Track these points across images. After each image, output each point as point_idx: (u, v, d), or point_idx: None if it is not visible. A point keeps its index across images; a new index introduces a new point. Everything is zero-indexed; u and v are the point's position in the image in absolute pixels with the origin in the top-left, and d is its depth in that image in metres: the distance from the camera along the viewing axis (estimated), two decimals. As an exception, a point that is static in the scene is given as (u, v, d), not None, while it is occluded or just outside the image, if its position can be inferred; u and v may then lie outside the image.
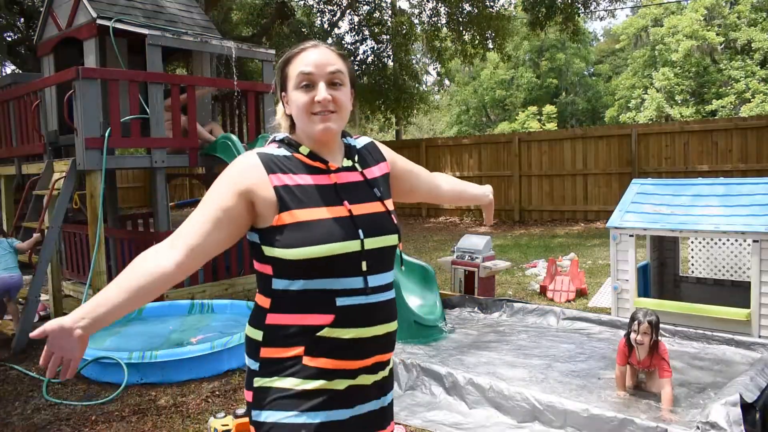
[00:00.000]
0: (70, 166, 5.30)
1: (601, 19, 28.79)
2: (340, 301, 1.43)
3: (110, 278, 6.17)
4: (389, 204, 1.57)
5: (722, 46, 26.45)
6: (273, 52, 6.86)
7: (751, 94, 24.50)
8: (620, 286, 4.86)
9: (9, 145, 6.68)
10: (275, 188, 1.42)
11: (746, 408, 2.81)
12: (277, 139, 1.54)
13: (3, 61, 15.94)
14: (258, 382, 1.46)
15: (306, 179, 1.46)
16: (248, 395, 1.49)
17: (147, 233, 7.21)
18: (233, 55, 6.30)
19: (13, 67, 16.60)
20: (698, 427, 2.72)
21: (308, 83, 1.47)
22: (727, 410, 2.73)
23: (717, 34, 26.02)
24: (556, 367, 4.01)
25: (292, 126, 1.56)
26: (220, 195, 1.42)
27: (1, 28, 14.00)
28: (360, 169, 1.55)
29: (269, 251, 1.43)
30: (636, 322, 3.31)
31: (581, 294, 6.32)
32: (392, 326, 1.52)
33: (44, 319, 5.88)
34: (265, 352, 1.45)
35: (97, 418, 3.56)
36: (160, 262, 1.38)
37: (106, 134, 5.32)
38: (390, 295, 1.53)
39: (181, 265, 1.40)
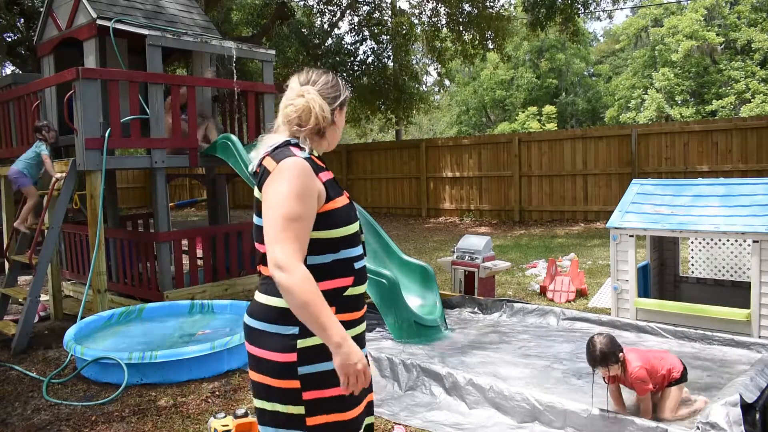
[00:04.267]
0: (70, 166, 5.30)
1: (599, 20, 28.81)
2: (357, 265, 1.88)
3: (110, 278, 6.18)
4: None
5: (722, 46, 26.46)
6: (273, 52, 6.86)
7: (751, 95, 24.51)
8: (620, 287, 4.86)
9: (9, 145, 6.68)
10: (323, 183, 1.80)
11: (746, 408, 2.81)
12: (292, 143, 1.85)
13: (3, 61, 15.95)
14: (302, 343, 1.78)
15: (327, 175, 1.86)
16: (287, 357, 1.78)
17: (147, 234, 7.20)
18: (233, 56, 6.30)
19: (13, 68, 16.61)
20: (698, 427, 2.72)
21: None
22: (727, 410, 2.73)
23: (717, 35, 26.03)
24: (556, 367, 4.01)
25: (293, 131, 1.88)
26: (309, 205, 1.74)
27: (2, 28, 14.01)
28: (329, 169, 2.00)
29: (315, 234, 1.78)
30: (591, 367, 3.17)
31: (581, 294, 6.32)
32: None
33: (44, 319, 5.88)
34: None
35: (97, 418, 3.56)
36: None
37: (106, 135, 5.32)
38: None
39: None
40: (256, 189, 1.85)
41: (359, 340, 1.92)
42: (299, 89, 1.86)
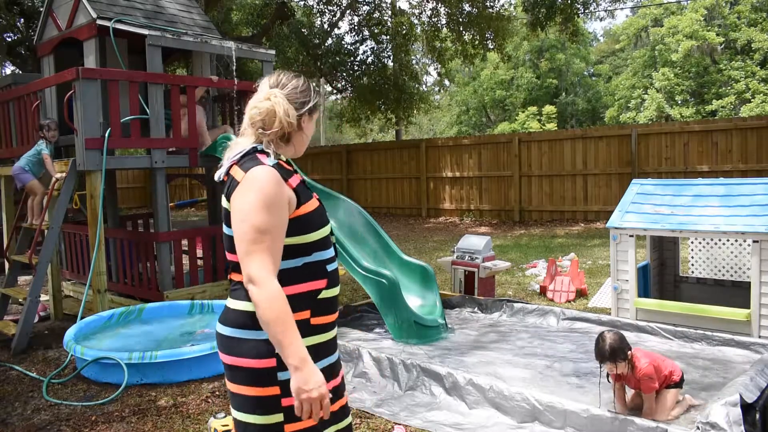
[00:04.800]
0: (70, 166, 5.30)
1: (600, 20, 28.81)
2: (329, 267, 1.85)
3: (110, 278, 6.18)
4: None
5: (722, 46, 26.46)
6: (273, 52, 6.86)
7: (751, 95, 24.51)
8: (620, 287, 4.86)
9: (9, 145, 6.68)
10: (293, 190, 1.78)
11: (746, 408, 2.81)
12: (259, 149, 1.81)
13: (3, 61, 15.95)
14: None
15: (296, 180, 1.82)
16: (266, 362, 1.73)
17: (147, 234, 7.20)
18: (233, 55, 6.30)
19: (13, 68, 16.61)
20: (698, 427, 2.72)
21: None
22: (727, 410, 2.73)
23: (717, 34, 26.03)
24: (556, 367, 4.01)
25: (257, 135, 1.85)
26: (279, 214, 1.70)
27: (2, 28, 14.01)
28: (299, 172, 2.00)
29: (287, 240, 1.76)
30: (599, 362, 3.16)
31: (581, 294, 6.32)
32: None
33: (44, 319, 5.88)
34: None
35: (97, 418, 3.56)
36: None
37: (106, 135, 5.32)
38: None
39: None
40: (223, 198, 1.81)
41: (332, 344, 1.88)
42: (267, 92, 1.82)
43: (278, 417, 1.74)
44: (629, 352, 3.12)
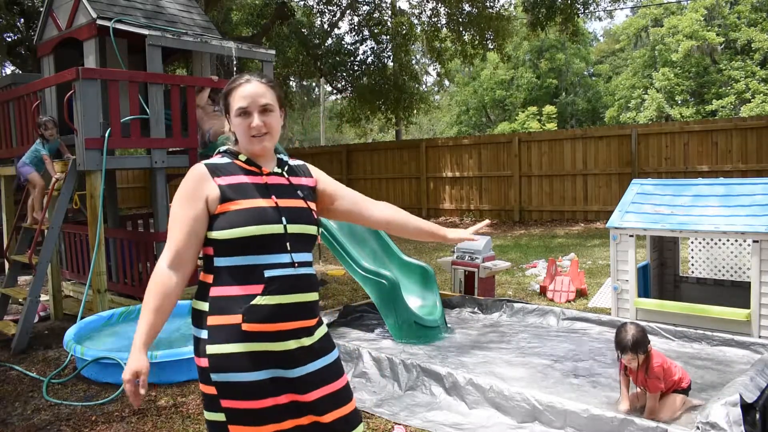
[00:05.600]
0: (70, 166, 5.30)
1: (600, 20, 28.81)
2: (269, 273, 1.76)
3: (110, 278, 6.18)
4: (311, 205, 1.93)
5: (722, 46, 26.46)
6: (273, 52, 6.86)
7: (751, 95, 24.51)
8: (620, 287, 4.86)
9: (9, 146, 6.68)
10: (219, 186, 1.80)
11: (746, 408, 2.81)
12: (220, 150, 1.94)
13: (3, 61, 15.95)
14: (210, 349, 1.75)
15: (242, 179, 1.84)
16: (201, 361, 1.78)
17: (147, 234, 7.21)
18: (233, 56, 6.30)
19: (13, 68, 16.61)
20: (698, 427, 2.72)
21: (245, 113, 1.85)
22: (727, 410, 2.73)
23: (717, 34, 26.03)
24: (556, 367, 4.01)
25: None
26: (189, 208, 1.78)
27: (2, 28, 14.01)
28: (287, 176, 1.93)
29: (211, 235, 1.79)
30: (619, 352, 3.16)
31: (581, 294, 6.32)
32: (313, 296, 1.86)
33: (44, 319, 5.88)
34: (212, 320, 1.76)
35: (97, 418, 3.56)
36: (173, 282, 1.77)
37: (106, 135, 5.33)
38: (311, 270, 1.88)
39: (186, 278, 1.80)
40: None
41: (287, 357, 1.78)
42: None
43: (221, 416, 1.77)
44: (649, 346, 3.13)
